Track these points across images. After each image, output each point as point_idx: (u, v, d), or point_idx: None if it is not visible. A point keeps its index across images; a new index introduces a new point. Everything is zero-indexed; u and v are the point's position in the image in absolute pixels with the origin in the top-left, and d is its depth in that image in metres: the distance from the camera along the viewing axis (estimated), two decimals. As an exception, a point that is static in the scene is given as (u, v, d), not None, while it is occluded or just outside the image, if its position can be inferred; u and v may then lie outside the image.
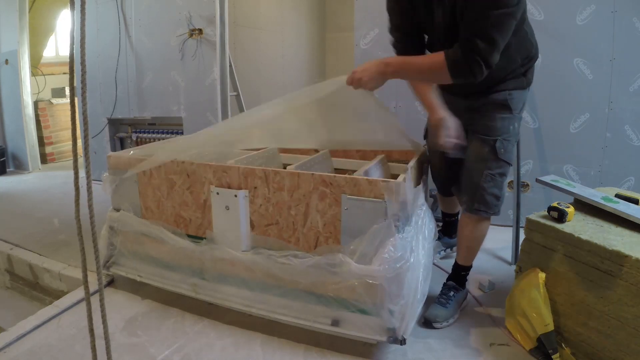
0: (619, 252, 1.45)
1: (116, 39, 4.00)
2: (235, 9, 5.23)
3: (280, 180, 1.72)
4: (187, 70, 3.80)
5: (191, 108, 3.86)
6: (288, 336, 1.80)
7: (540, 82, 2.84)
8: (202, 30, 3.65)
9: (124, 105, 4.10)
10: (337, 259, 1.60)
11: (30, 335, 1.84)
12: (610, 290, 1.49)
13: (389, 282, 1.53)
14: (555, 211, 1.73)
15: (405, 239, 1.56)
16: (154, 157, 1.95)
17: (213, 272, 1.90)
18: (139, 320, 1.94)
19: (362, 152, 2.34)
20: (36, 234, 2.99)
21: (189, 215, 1.94)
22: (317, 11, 8.02)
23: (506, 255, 2.59)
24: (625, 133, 2.78)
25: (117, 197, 2.13)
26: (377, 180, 1.56)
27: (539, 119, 2.90)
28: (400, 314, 1.57)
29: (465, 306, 2.01)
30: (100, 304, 1.03)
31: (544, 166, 2.97)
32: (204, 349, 1.74)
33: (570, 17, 2.73)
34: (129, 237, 2.10)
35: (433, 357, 1.69)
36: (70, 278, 2.44)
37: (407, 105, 3.15)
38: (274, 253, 1.73)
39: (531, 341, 1.68)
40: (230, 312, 1.91)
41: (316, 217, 1.68)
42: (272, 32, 6.36)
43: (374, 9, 3.13)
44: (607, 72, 2.73)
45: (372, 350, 1.71)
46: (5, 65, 5.05)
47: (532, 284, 1.69)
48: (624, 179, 2.84)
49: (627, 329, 1.44)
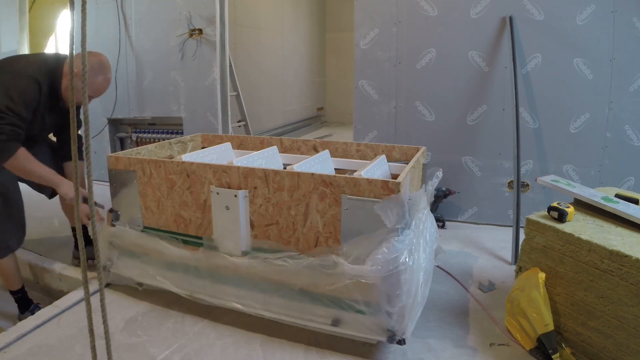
0: (619, 252, 1.45)
1: (116, 39, 3.99)
2: (235, 9, 5.24)
3: (280, 180, 1.72)
4: (187, 70, 3.80)
5: (191, 108, 3.87)
6: (288, 336, 1.80)
7: (540, 82, 2.86)
8: (202, 30, 3.65)
9: (124, 105, 4.10)
10: (331, 260, 1.61)
11: (30, 335, 1.84)
12: (610, 290, 1.49)
13: (383, 282, 1.53)
14: (555, 211, 1.73)
15: (402, 242, 1.56)
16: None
17: (211, 277, 1.90)
18: (139, 320, 1.94)
19: (362, 152, 2.34)
20: (36, 234, 2.99)
21: (189, 215, 1.94)
22: (317, 11, 8.02)
23: (506, 255, 2.59)
24: (625, 133, 2.78)
25: (117, 199, 2.13)
26: (377, 180, 1.56)
27: (539, 119, 2.91)
28: (399, 314, 1.57)
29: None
30: (101, 304, 1.03)
31: (544, 166, 2.97)
32: (204, 349, 1.74)
33: (570, 17, 2.74)
34: (127, 248, 2.10)
35: (433, 357, 1.69)
36: (70, 278, 2.44)
37: (407, 105, 3.16)
38: (269, 256, 1.74)
39: (531, 341, 1.68)
40: (230, 313, 1.91)
41: (316, 217, 1.68)
42: (272, 32, 6.36)
43: (374, 9, 3.14)
44: (607, 72, 2.73)
45: (372, 351, 1.71)
46: (5, 65, 5.04)
47: (532, 284, 1.69)
48: (624, 179, 2.84)
49: (627, 329, 1.44)
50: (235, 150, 2.57)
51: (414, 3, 3.03)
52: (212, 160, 2.27)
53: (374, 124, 3.27)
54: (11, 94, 1.96)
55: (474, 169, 3.11)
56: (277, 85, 6.57)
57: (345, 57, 7.66)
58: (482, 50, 2.94)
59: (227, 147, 2.51)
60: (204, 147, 2.66)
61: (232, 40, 4.79)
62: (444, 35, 3.00)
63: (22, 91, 1.98)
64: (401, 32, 3.10)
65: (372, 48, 3.18)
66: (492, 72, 2.95)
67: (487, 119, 3.01)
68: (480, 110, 3.02)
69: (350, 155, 2.36)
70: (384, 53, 3.16)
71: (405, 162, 2.19)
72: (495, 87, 2.96)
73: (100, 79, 2.11)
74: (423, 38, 3.05)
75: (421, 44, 3.07)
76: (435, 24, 3.02)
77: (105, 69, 2.14)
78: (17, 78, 1.99)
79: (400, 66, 3.13)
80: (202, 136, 2.73)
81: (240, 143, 2.63)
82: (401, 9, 3.07)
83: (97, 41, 4.07)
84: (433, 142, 3.04)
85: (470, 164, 3.11)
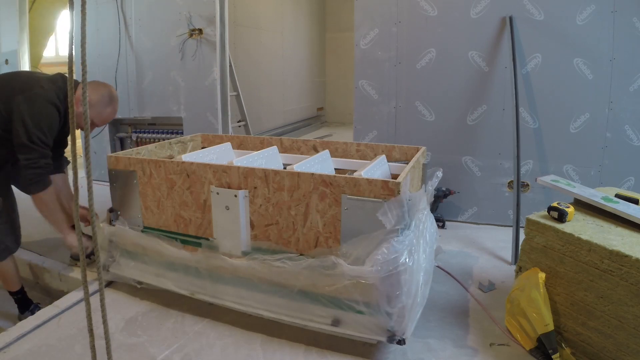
0: (619, 252, 1.45)
1: (116, 39, 3.99)
2: (235, 9, 5.24)
3: (280, 180, 1.72)
4: (187, 70, 3.80)
5: (191, 108, 3.87)
6: (288, 336, 1.80)
7: (540, 82, 2.86)
8: (202, 30, 3.65)
9: (124, 105, 4.09)
10: (331, 261, 1.61)
11: (30, 335, 1.84)
12: (610, 290, 1.49)
13: (383, 282, 1.53)
14: (555, 211, 1.73)
15: (402, 242, 1.56)
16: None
17: (211, 277, 1.90)
18: (139, 320, 1.94)
19: (362, 152, 2.34)
20: (36, 234, 2.98)
21: (189, 215, 1.94)
22: (317, 11, 8.02)
23: (506, 255, 2.59)
24: (625, 133, 2.78)
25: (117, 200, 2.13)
26: (377, 180, 1.56)
27: (539, 119, 2.91)
28: (399, 315, 1.57)
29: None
30: (101, 304, 1.03)
31: (544, 166, 2.97)
32: (204, 349, 1.74)
33: (570, 17, 2.74)
34: (127, 248, 2.10)
35: (433, 356, 1.69)
36: (70, 278, 2.44)
37: (407, 105, 3.15)
38: (268, 257, 1.74)
39: (531, 341, 1.68)
40: (230, 312, 1.91)
41: (316, 217, 1.68)
42: (272, 32, 6.36)
43: (374, 9, 3.14)
44: (607, 72, 2.73)
45: (372, 351, 1.71)
46: (6, 65, 5.05)
47: (532, 284, 1.69)
48: (624, 179, 2.84)
49: (627, 329, 1.44)
50: (235, 150, 2.58)
51: (414, 3, 3.03)
52: (212, 160, 2.27)
53: (374, 124, 3.27)
54: (40, 124, 1.98)
55: (474, 169, 3.11)
56: (277, 85, 6.57)
57: (345, 57, 7.66)
58: (482, 50, 2.94)
59: (227, 147, 2.51)
60: (204, 147, 2.66)
61: (232, 40, 4.79)
62: (444, 35, 3.00)
63: (49, 122, 2.02)
64: (401, 32, 3.10)
65: (372, 48, 3.18)
66: (492, 72, 2.95)
67: (487, 119, 3.01)
68: (480, 110, 3.02)
69: (350, 155, 2.36)
70: (384, 53, 3.16)
71: (405, 162, 2.19)
72: (495, 87, 2.96)
73: (109, 110, 2.21)
74: (423, 38, 3.05)
75: (421, 44, 3.07)
76: (435, 24, 3.02)
77: (114, 101, 2.23)
78: (40, 105, 2.00)
79: (400, 66, 3.13)
80: (202, 136, 2.73)
81: (240, 143, 2.63)
82: (401, 9, 3.07)
83: (97, 41, 4.07)
84: (433, 142, 3.04)
85: (470, 164, 3.11)
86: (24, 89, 2.01)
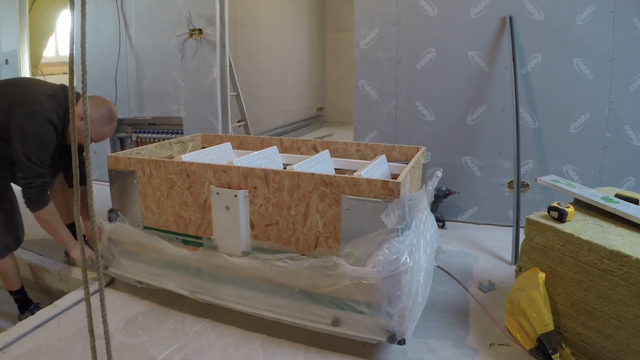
0: (619, 252, 1.45)
1: (116, 39, 3.99)
2: (235, 9, 5.24)
3: (280, 180, 1.72)
4: (187, 70, 3.80)
5: (191, 108, 3.86)
6: (288, 336, 1.80)
7: (540, 82, 2.86)
8: (202, 30, 3.65)
9: (124, 105, 4.10)
10: (332, 261, 1.61)
11: (30, 335, 1.84)
12: (610, 290, 1.49)
13: (384, 283, 1.53)
14: (555, 211, 1.73)
15: (402, 242, 1.56)
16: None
17: (211, 277, 1.90)
18: (139, 320, 1.94)
19: (362, 152, 2.34)
20: (36, 234, 2.98)
21: (189, 215, 1.94)
22: (317, 11, 8.02)
23: (506, 255, 2.59)
24: (625, 133, 2.78)
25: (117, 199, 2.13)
26: (377, 180, 1.56)
27: (539, 119, 2.91)
28: (400, 315, 1.57)
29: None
30: (101, 304, 1.03)
31: (544, 166, 2.97)
32: (204, 349, 1.74)
33: (570, 17, 2.74)
34: (127, 246, 2.10)
35: (433, 356, 1.69)
36: (70, 278, 2.44)
37: (407, 105, 3.15)
38: (270, 257, 1.73)
39: (531, 341, 1.68)
40: (230, 312, 1.91)
41: (316, 217, 1.68)
42: (272, 32, 6.36)
43: (374, 9, 3.14)
44: (607, 72, 2.73)
45: (372, 351, 1.71)
46: (6, 65, 5.05)
47: (532, 284, 1.69)
48: (624, 179, 2.84)
49: (627, 329, 1.44)
50: (235, 150, 2.58)
51: (414, 3, 3.03)
52: (212, 160, 2.27)
53: (374, 124, 3.27)
54: (37, 142, 1.99)
55: (474, 169, 3.11)
56: (277, 85, 6.57)
57: (345, 57, 7.66)
58: (482, 50, 2.94)
59: (227, 147, 2.51)
60: (204, 147, 2.66)
61: (232, 40, 4.79)
62: (444, 35, 3.00)
63: (46, 141, 2.03)
64: (401, 32, 3.10)
65: (372, 48, 3.18)
66: (492, 72, 2.95)
67: (487, 119, 3.01)
68: (480, 110, 3.02)
69: (350, 155, 2.36)
70: (384, 53, 3.16)
71: (405, 162, 2.19)
72: (495, 87, 2.96)
73: (108, 128, 2.24)
74: (423, 38, 3.05)
75: (421, 44, 3.07)
76: (435, 24, 3.01)
77: (114, 118, 2.25)
78: (39, 123, 2.00)
79: (400, 66, 3.13)
80: (202, 136, 2.73)
81: (240, 143, 2.63)
82: (401, 9, 3.07)
83: (97, 41, 4.07)
84: (433, 142, 3.04)
85: (470, 164, 3.11)
86: (24, 102, 2.01)
